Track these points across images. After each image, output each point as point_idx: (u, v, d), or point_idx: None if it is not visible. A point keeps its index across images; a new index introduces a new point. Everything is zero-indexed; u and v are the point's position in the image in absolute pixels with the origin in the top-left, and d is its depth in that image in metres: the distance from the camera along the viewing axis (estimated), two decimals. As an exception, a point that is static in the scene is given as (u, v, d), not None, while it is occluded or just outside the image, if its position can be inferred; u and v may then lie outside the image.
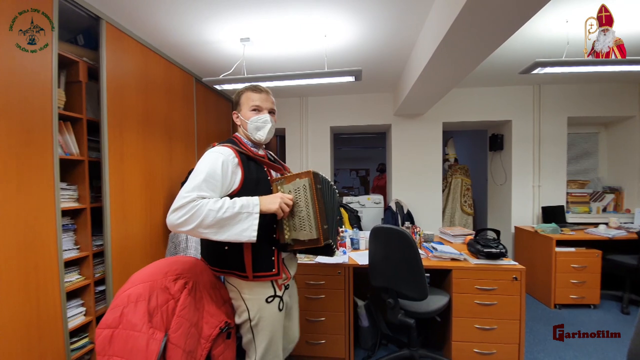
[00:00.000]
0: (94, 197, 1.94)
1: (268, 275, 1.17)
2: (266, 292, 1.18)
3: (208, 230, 1.01)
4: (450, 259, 2.03)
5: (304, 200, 1.14)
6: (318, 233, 1.13)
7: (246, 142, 1.28)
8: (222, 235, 1.03)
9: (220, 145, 1.19)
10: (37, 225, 1.50)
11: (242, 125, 1.28)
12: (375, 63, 2.86)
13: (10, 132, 1.39)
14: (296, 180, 1.16)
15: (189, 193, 1.01)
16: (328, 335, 2.06)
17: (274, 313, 1.20)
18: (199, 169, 1.08)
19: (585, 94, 3.52)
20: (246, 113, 1.26)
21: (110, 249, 1.91)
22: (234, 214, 1.02)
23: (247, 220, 1.04)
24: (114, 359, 0.87)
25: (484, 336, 1.91)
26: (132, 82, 2.16)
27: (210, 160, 1.10)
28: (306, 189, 1.14)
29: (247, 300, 1.17)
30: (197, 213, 0.98)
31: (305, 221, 1.13)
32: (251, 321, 1.17)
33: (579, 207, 3.61)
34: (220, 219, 1.00)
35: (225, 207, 1.02)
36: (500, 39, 1.71)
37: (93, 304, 1.87)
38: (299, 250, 1.25)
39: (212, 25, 2.15)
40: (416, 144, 3.90)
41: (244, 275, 1.14)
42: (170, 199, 2.56)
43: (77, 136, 1.82)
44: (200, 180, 1.04)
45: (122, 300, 0.92)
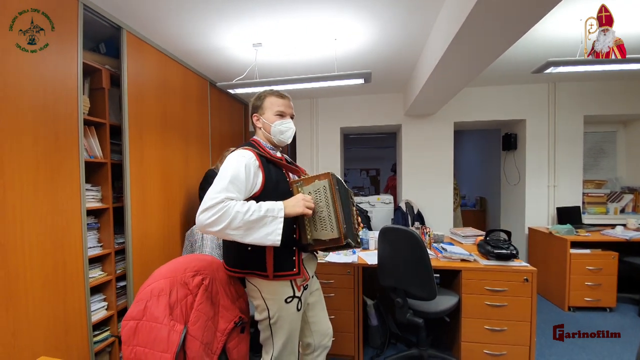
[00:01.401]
0: (115, 197, 2.05)
1: (288, 274, 1.20)
2: (286, 292, 1.22)
3: (235, 232, 1.05)
4: (459, 260, 2.04)
5: (325, 200, 1.18)
6: (339, 232, 1.16)
7: (265, 144, 1.32)
8: (248, 237, 1.06)
9: (242, 148, 1.22)
10: (65, 224, 1.60)
11: (263, 128, 1.33)
12: (385, 63, 2.88)
13: (41, 137, 1.49)
14: (315, 182, 1.20)
15: (217, 194, 1.05)
16: (338, 333, 2.10)
17: (292, 313, 1.23)
18: (224, 171, 1.13)
19: (602, 91, 3.43)
20: (270, 117, 1.31)
21: (130, 246, 2.01)
22: (260, 217, 1.06)
23: (272, 224, 1.08)
24: (138, 349, 0.94)
25: (493, 337, 1.91)
26: (151, 87, 2.26)
27: (234, 163, 1.15)
28: (326, 190, 1.19)
29: (267, 300, 1.21)
30: (225, 214, 1.02)
31: (327, 221, 1.17)
32: (270, 319, 1.21)
33: (596, 207, 3.52)
34: (247, 221, 1.04)
35: (251, 210, 1.06)
36: (513, 37, 1.69)
37: (114, 299, 1.97)
38: (319, 250, 1.28)
39: (225, 31, 2.23)
40: (427, 144, 3.89)
41: (265, 275, 1.18)
42: (187, 200, 2.67)
43: (100, 140, 1.93)
44: (226, 182, 1.09)
45: (145, 294, 0.99)
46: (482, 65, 2.11)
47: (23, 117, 1.41)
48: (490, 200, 5.07)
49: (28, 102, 1.43)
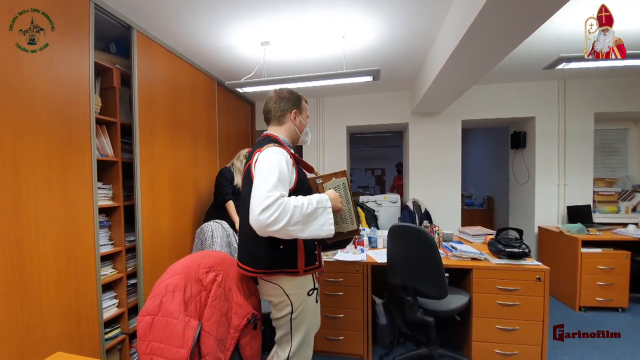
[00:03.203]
0: (126, 195, 2.06)
1: (313, 268, 1.24)
2: (308, 285, 1.24)
3: (295, 227, 1.05)
4: (470, 259, 2.02)
5: (344, 196, 1.28)
6: (357, 224, 1.29)
7: (286, 142, 1.32)
8: (306, 231, 1.08)
9: (274, 146, 1.20)
10: (77, 222, 1.62)
11: (298, 127, 1.36)
12: (392, 61, 2.86)
13: (54, 136, 1.50)
14: (334, 180, 1.30)
15: (271, 192, 1.03)
16: (346, 332, 2.10)
17: (312, 306, 1.26)
18: (270, 169, 1.10)
19: (613, 88, 3.38)
20: (304, 119, 1.39)
21: (141, 244, 2.02)
22: (314, 209, 1.09)
23: (323, 215, 1.11)
24: (153, 344, 0.94)
25: (505, 337, 1.89)
26: (161, 87, 2.27)
27: (276, 160, 1.13)
28: (345, 187, 1.29)
29: (291, 296, 1.21)
30: (285, 210, 1.02)
31: (347, 215, 1.29)
32: (292, 313, 1.22)
33: (607, 206, 3.47)
34: (304, 215, 1.06)
35: (305, 203, 1.08)
36: (525, 32, 1.67)
37: (125, 296, 1.98)
38: (335, 243, 1.36)
39: (233, 30, 2.23)
40: (434, 142, 3.86)
41: (295, 272, 1.19)
42: (196, 198, 2.68)
43: (111, 139, 1.95)
44: (276, 179, 1.07)
45: (161, 289, 0.99)
46: (493, 62, 2.08)
47: (37, 117, 1.42)
48: (498, 200, 5.02)
49: (42, 102, 1.44)
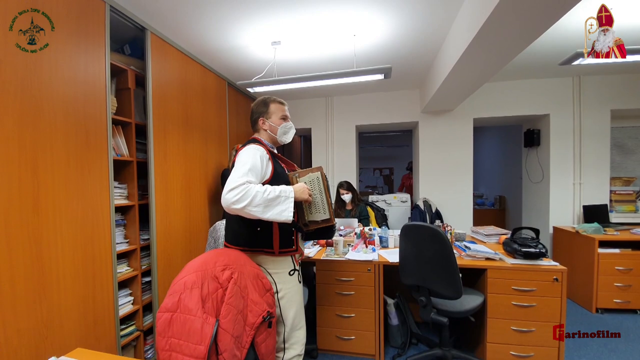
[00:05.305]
0: (140, 194, 2.09)
1: (290, 251, 1.44)
2: (288, 266, 1.45)
3: (256, 208, 1.22)
4: (484, 259, 1.99)
5: (318, 189, 1.47)
6: (330, 214, 1.47)
7: (267, 143, 1.53)
8: (267, 213, 1.24)
9: (254, 144, 1.43)
10: (94, 221, 1.65)
11: (270, 130, 1.54)
12: (403, 59, 2.84)
13: (72, 137, 1.53)
14: (309, 174, 1.48)
15: (239, 178, 1.23)
16: (358, 332, 2.09)
17: (296, 285, 1.46)
18: (244, 160, 1.31)
19: (630, 84, 3.29)
20: (276, 120, 1.53)
21: (155, 242, 2.05)
22: (276, 196, 1.26)
23: (285, 202, 1.28)
24: (172, 340, 0.95)
25: (521, 338, 1.86)
26: (174, 88, 2.30)
27: (251, 153, 1.35)
28: (319, 180, 1.47)
29: (273, 275, 1.42)
30: (247, 193, 1.20)
31: (320, 205, 1.47)
32: (278, 293, 1.40)
33: (624, 205, 3.38)
34: (265, 199, 1.23)
35: (268, 190, 1.26)
36: (542, 27, 1.63)
37: (140, 293, 2.02)
38: (312, 231, 1.54)
39: (244, 30, 2.25)
40: (445, 141, 3.82)
41: (271, 252, 1.40)
42: (208, 197, 2.72)
43: (126, 139, 1.98)
44: (247, 169, 1.27)
45: (179, 286, 1.00)
46: (507, 58, 2.05)
47: (55, 118, 1.45)
48: (510, 199, 4.94)
49: (59, 103, 1.47)
